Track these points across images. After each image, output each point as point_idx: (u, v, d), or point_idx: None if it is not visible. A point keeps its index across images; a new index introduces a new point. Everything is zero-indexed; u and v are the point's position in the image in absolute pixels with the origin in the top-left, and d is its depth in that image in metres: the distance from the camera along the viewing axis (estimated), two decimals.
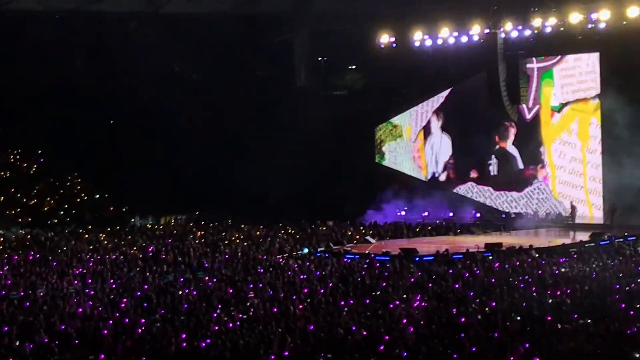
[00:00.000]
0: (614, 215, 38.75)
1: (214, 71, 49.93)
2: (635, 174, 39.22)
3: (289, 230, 40.42)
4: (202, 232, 40.98)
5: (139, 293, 25.00)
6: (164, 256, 32.37)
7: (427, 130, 47.44)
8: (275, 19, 50.03)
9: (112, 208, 46.83)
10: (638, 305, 20.95)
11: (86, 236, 40.61)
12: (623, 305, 21.04)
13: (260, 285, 25.69)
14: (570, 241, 35.38)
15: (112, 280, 27.44)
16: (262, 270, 28.70)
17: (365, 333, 19.43)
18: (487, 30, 43.14)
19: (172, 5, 47.53)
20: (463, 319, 20.29)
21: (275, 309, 22.18)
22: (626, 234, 34.68)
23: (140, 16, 48.69)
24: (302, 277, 27.14)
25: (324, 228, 41.21)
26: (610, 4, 39.72)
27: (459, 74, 45.59)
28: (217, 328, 20.22)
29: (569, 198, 42.85)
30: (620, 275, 25.89)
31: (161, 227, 44.56)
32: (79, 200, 46.94)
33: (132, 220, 46.59)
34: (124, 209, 46.97)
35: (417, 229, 40.57)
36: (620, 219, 38.64)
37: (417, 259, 31.09)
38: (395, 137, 48.58)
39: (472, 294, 23.39)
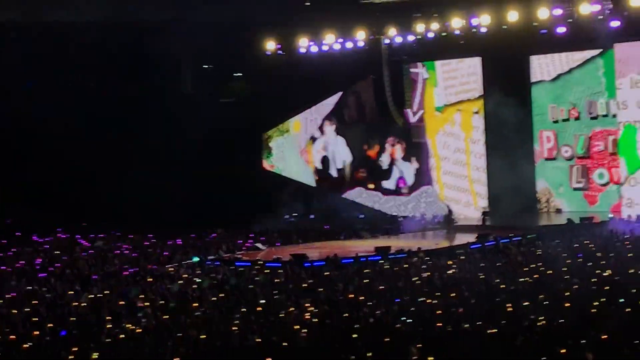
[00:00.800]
0: (485, 220, 39.42)
1: (98, 80, 49.23)
2: (518, 172, 40.55)
3: (179, 239, 40.15)
4: (90, 244, 40.41)
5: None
6: (51, 269, 31.89)
7: (318, 133, 47.64)
8: (159, 27, 49.55)
9: None
10: (524, 304, 21.38)
11: None
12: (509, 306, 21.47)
13: (151, 295, 25.52)
14: (457, 243, 35.93)
15: None
16: (151, 280, 28.49)
17: (258, 340, 19.48)
18: (371, 37, 43.76)
19: (51, 15, 46.68)
20: (354, 324, 20.48)
21: (166, 319, 22.05)
22: (511, 235, 35.39)
23: (20, 25, 47.69)
24: (194, 286, 27.05)
25: (214, 236, 41.06)
26: (491, 9, 40.58)
27: (346, 79, 45.94)
28: (108, 340, 20.04)
29: (453, 188, 43.66)
30: (505, 275, 26.37)
31: (47, 239, 43.73)
32: None
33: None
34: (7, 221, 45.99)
35: (307, 234, 40.71)
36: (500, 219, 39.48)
37: (308, 264, 31.22)
38: (282, 132, 48.69)
39: (362, 298, 23.59)
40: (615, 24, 38.61)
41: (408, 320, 20.65)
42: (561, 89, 41.89)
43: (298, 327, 20.44)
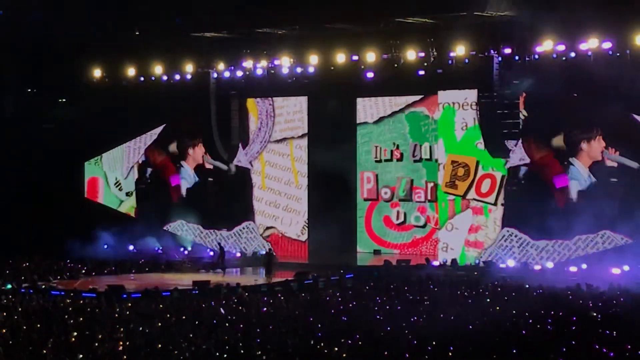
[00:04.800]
0: (270, 263, 39.67)
1: None
2: (339, 212, 41.51)
3: None
4: None
5: None
6: None
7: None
8: None
9: None
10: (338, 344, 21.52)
11: None
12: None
13: None
14: (276, 280, 36.02)
15: None
16: None
17: None
18: (200, 70, 43.79)
19: None
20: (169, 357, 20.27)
21: None
22: (329, 274, 35.70)
23: None
24: (4, 314, 26.30)
25: (28, 263, 39.96)
26: (319, 50, 41.16)
27: (172, 111, 45.62)
28: None
29: (276, 222, 44.10)
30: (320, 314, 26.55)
31: None
32: None
33: None
34: None
35: (125, 265, 40.15)
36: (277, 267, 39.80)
37: (124, 295, 30.78)
38: (105, 161, 47.93)
39: (178, 332, 23.36)
40: (438, 71, 39.77)
41: (224, 355, 20.56)
42: (385, 131, 42.64)
43: None
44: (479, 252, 39.46)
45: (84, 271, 38.49)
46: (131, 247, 44.57)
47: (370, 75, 40.88)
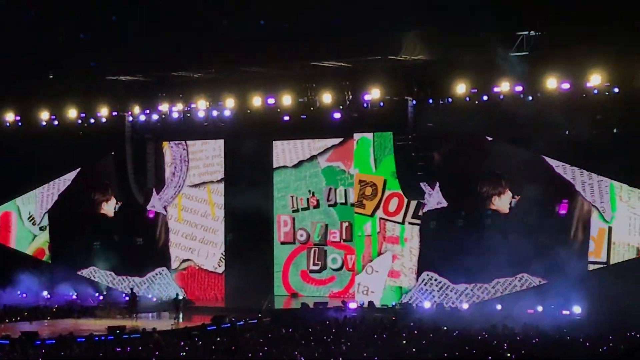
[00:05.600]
0: (179, 307, 39.49)
1: None
2: (256, 254, 41.85)
3: None
4: None
5: None
6: None
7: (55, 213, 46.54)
8: None
9: None
10: None
11: None
12: None
13: None
14: (192, 324, 35.76)
15: None
16: None
17: None
18: (115, 113, 43.51)
19: None
20: None
21: None
22: (247, 317, 35.58)
23: None
24: None
25: None
26: (235, 94, 41.21)
27: (87, 155, 45.19)
28: None
29: (192, 265, 43.87)
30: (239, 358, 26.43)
31: None
32: None
33: None
34: None
35: (39, 311, 39.57)
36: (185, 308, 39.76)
37: (38, 342, 30.29)
38: (17, 206, 47.30)
39: None
40: (354, 114, 40.05)
41: None
42: (302, 175, 42.77)
43: None
44: (399, 287, 39.69)
45: None
46: (45, 293, 43.95)
47: (286, 118, 41.04)
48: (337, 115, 40.22)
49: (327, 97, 39.76)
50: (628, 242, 35.86)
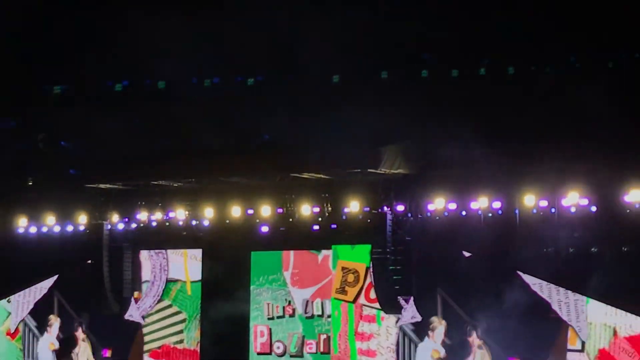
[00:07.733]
0: None
1: None
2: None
3: None
4: None
5: None
6: None
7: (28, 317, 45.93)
8: None
9: None
10: None
11: None
12: None
13: None
14: None
15: None
16: None
17: None
18: (93, 221, 43.33)
19: None
20: None
21: None
22: None
23: None
24: None
25: None
26: (214, 203, 41.12)
27: (64, 263, 44.90)
28: None
29: None
30: None
31: None
32: None
33: None
34: None
35: None
36: None
37: None
38: None
39: None
40: (332, 226, 39.99)
41: None
42: (279, 285, 42.52)
43: None
44: None
45: None
46: None
47: (265, 229, 40.96)
48: (315, 227, 40.18)
49: (305, 209, 39.66)
50: None
